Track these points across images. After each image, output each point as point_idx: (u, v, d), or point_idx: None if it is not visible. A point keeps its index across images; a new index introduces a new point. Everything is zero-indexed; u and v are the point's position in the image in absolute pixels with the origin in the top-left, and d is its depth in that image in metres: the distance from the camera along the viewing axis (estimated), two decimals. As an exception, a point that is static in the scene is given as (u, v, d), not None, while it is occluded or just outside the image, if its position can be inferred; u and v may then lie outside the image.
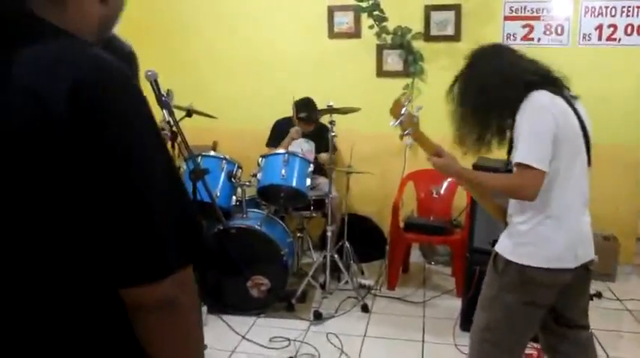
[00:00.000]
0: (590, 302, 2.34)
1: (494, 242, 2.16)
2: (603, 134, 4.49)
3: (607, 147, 4.16)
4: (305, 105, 4.54)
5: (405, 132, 2.18)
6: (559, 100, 1.99)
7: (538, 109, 1.95)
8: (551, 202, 1.97)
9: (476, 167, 3.58)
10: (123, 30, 4.22)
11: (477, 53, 2.21)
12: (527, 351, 3.24)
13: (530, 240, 2.00)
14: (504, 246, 2.07)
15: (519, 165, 1.91)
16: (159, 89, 2.51)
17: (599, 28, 4.54)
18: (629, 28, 4.50)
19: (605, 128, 4.43)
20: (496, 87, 2.05)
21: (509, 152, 2.07)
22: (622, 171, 4.62)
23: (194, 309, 1.00)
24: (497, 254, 2.09)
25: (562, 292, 2.04)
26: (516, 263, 2.00)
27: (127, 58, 1.50)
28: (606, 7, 4.51)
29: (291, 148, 4.43)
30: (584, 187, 2.07)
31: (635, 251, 4.81)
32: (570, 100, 2.04)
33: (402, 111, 2.16)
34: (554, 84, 2.05)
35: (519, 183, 1.94)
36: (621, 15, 4.51)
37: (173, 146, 2.94)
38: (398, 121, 2.18)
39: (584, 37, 4.56)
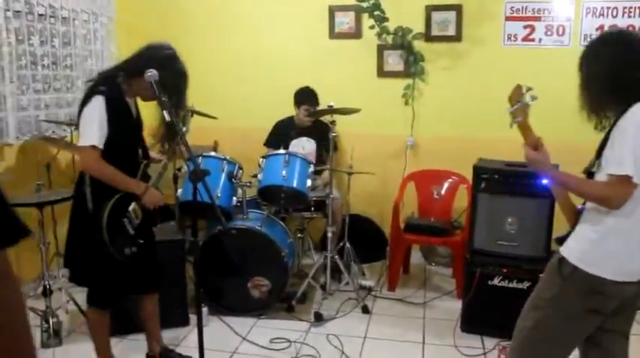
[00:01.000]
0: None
1: (560, 240, 2.13)
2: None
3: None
4: (306, 94, 4.57)
5: (516, 120, 2.12)
6: None
7: None
8: (630, 214, 1.94)
9: (476, 168, 3.58)
10: (123, 30, 4.31)
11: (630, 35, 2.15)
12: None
13: (603, 251, 1.97)
14: (574, 252, 2.03)
15: (616, 175, 1.88)
16: (159, 90, 2.50)
17: (601, 28, 4.53)
18: (631, 29, 4.49)
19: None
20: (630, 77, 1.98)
21: (599, 153, 2.03)
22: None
23: (12, 295, 1.12)
24: (563, 258, 2.05)
25: (622, 303, 2.03)
26: (587, 272, 1.97)
27: None
28: (608, 8, 4.50)
29: (292, 148, 4.44)
30: None
31: None
32: None
33: (520, 99, 2.11)
34: None
35: (611, 193, 1.91)
36: (622, 16, 4.50)
37: (163, 148, 2.93)
38: (515, 107, 2.12)
39: (585, 38, 4.54)
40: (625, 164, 1.86)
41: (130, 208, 2.74)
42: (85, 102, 2.64)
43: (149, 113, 2.85)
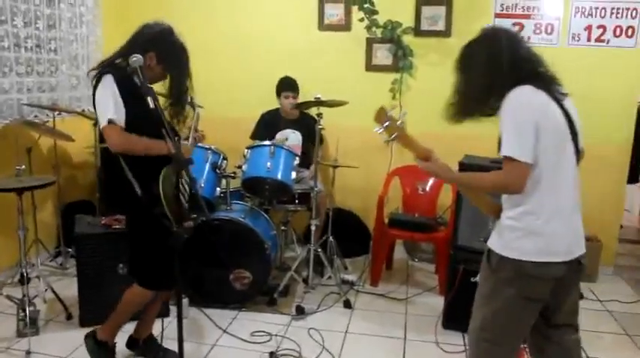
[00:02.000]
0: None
1: (487, 238, 2.16)
2: (588, 134, 4.51)
3: (592, 147, 4.14)
4: (285, 82, 4.57)
5: (391, 137, 2.18)
6: (541, 95, 1.99)
7: (519, 104, 1.96)
8: (541, 198, 1.98)
9: (462, 164, 3.57)
10: (109, 15, 4.22)
11: (490, 31, 2.22)
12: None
13: (521, 235, 2.01)
14: (497, 242, 2.08)
15: (504, 159, 1.94)
16: (143, 76, 2.44)
17: (589, 28, 4.55)
18: (618, 30, 4.51)
19: (591, 128, 4.38)
20: (499, 68, 2.05)
21: (499, 148, 2.06)
22: (606, 172, 4.64)
23: None
24: (490, 250, 2.10)
25: (554, 288, 2.04)
26: (510, 258, 2.01)
27: None
28: (596, 8, 4.51)
29: (277, 138, 4.41)
30: (574, 184, 2.07)
31: (617, 252, 4.84)
32: (557, 97, 2.04)
33: (387, 118, 2.16)
34: (541, 79, 2.05)
35: (505, 177, 1.96)
36: (610, 16, 4.51)
37: (158, 135, 2.87)
38: (382, 128, 2.18)
39: (573, 37, 4.56)
40: (508, 147, 1.93)
41: (181, 180, 2.56)
42: (95, 86, 2.59)
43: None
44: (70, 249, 4.37)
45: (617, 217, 4.84)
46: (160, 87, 2.77)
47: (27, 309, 3.30)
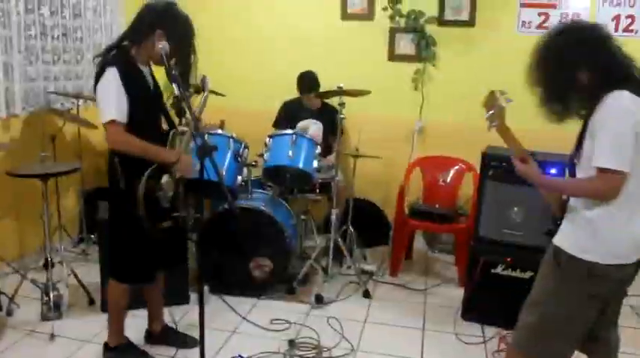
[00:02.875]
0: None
1: (550, 233, 2.14)
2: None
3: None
4: (306, 83, 4.55)
5: (492, 124, 2.14)
6: (638, 101, 1.93)
7: (621, 111, 1.90)
8: (622, 202, 1.95)
9: (485, 155, 3.55)
10: (130, 6, 4.23)
11: (579, 25, 2.16)
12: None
13: (594, 236, 1.98)
14: (567, 241, 2.05)
15: (602, 168, 1.89)
16: (169, 63, 2.45)
17: (617, 18, 4.45)
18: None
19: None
20: (593, 67, 2.00)
21: (578, 146, 2.06)
22: None
23: None
24: (558, 248, 2.07)
25: (621, 285, 2.06)
26: (583, 259, 1.98)
27: None
28: (625, -2, 4.43)
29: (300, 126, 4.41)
30: None
31: None
32: None
33: (495, 104, 2.13)
34: (635, 83, 1.99)
35: (602, 187, 1.92)
36: (640, 6, 4.42)
37: (181, 121, 2.90)
38: (490, 113, 2.16)
39: (600, 28, 4.47)
40: (609, 156, 1.88)
41: (163, 181, 2.65)
42: (98, 77, 2.58)
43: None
44: (92, 236, 4.43)
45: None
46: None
47: (51, 294, 3.37)
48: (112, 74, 2.53)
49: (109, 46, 2.70)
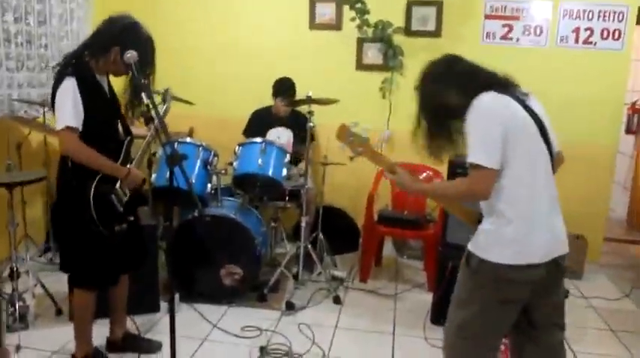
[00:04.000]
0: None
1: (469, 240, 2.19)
2: (576, 134, 4.61)
3: (579, 148, 4.25)
4: (283, 86, 4.57)
5: (357, 153, 2.25)
6: (505, 99, 2.02)
7: (483, 110, 1.99)
8: (516, 202, 2.00)
9: (452, 162, 3.62)
10: (100, 10, 4.20)
11: (427, 69, 2.28)
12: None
13: (498, 239, 2.02)
14: (477, 245, 2.10)
15: (470, 166, 1.97)
16: (138, 72, 2.46)
17: (577, 30, 4.61)
18: (605, 32, 4.58)
19: (579, 129, 4.53)
20: (442, 98, 2.14)
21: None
22: (593, 172, 4.72)
23: None
24: (470, 252, 2.12)
25: (534, 289, 2.07)
26: (489, 261, 2.02)
27: None
28: (584, 11, 4.59)
29: (269, 137, 4.43)
30: (549, 185, 2.08)
31: (602, 250, 4.92)
32: (521, 98, 2.06)
33: (349, 134, 2.27)
34: (500, 84, 2.08)
35: (470, 184, 1.99)
36: (598, 19, 4.59)
37: (149, 129, 2.91)
38: (346, 143, 2.28)
39: (561, 39, 4.63)
40: (474, 153, 1.95)
41: (117, 185, 2.70)
42: (56, 85, 2.59)
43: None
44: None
45: (603, 216, 4.92)
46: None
47: (16, 304, 3.31)
48: (70, 83, 2.55)
49: (69, 56, 2.70)
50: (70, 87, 2.55)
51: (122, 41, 2.58)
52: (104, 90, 2.75)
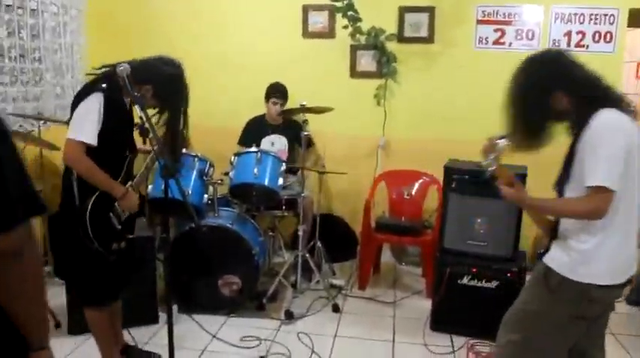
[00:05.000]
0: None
1: (541, 254, 2.14)
2: (569, 137, 4.62)
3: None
4: (274, 87, 4.60)
5: (490, 169, 2.12)
6: (626, 118, 1.96)
7: (611, 130, 1.91)
8: (616, 221, 1.97)
9: (447, 168, 3.63)
10: (93, 24, 4.21)
11: (544, 56, 2.17)
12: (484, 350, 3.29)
13: (594, 259, 1.98)
14: (562, 263, 2.03)
15: (594, 187, 1.88)
16: (130, 84, 2.47)
17: (568, 34, 4.64)
18: (597, 35, 4.61)
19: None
20: (558, 96, 2.03)
21: (565, 169, 2.05)
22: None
23: (37, 260, 1.33)
24: (549, 268, 2.06)
25: (607, 307, 2.08)
26: (574, 280, 1.98)
27: None
28: (575, 15, 4.61)
29: (263, 145, 4.44)
30: (637, 202, 2.05)
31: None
32: (632, 116, 2.01)
33: (493, 150, 2.11)
34: (617, 101, 2.02)
35: (592, 207, 1.90)
36: (589, 22, 4.61)
37: (145, 142, 2.91)
38: (489, 159, 2.11)
39: (554, 43, 4.65)
40: (599, 175, 1.88)
41: (117, 203, 2.71)
42: (83, 96, 2.60)
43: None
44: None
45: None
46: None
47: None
48: (97, 99, 2.57)
49: (105, 73, 2.68)
50: (96, 102, 2.56)
51: (158, 84, 2.67)
52: (126, 110, 2.76)
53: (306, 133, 3.97)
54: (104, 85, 2.60)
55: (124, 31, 5.00)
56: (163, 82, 2.71)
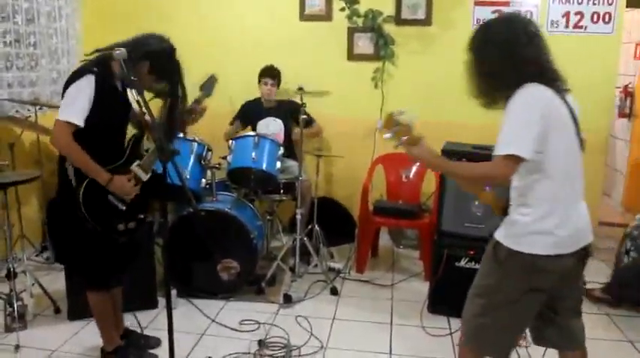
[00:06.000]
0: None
1: (492, 232, 2.17)
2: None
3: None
4: (267, 68, 4.60)
5: (402, 140, 2.12)
6: (548, 92, 1.99)
7: (526, 100, 1.95)
8: (552, 191, 2.01)
9: (444, 151, 3.62)
10: (88, 8, 4.19)
11: (511, 16, 2.20)
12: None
13: (533, 229, 2.02)
14: (507, 236, 2.08)
15: (498, 155, 1.92)
16: (127, 69, 2.45)
17: (567, 15, 4.61)
18: (595, 16, 4.58)
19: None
20: (512, 61, 2.03)
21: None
22: (586, 156, 4.68)
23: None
24: (497, 242, 2.10)
25: (563, 277, 2.08)
26: (522, 252, 2.02)
27: None
28: (574, -5, 4.58)
29: (259, 129, 4.44)
30: (580, 173, 2.13)
31: (597, 234, 4.92)
32: (561, 92, 2.05)
33: (395, 123, 2.12)
34: (547, 75, 2.05)
35: (491, 171, 1.95)
36: (588, 3, 4.58)
37: (142, 126, 2.92)
38: (391, 133, 2.12)
39: (552, 24, 4.62)
40: (506, 140, 1.91)
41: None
42: (74, 78, 2.59)
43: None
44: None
45: (596, 201, 4.93)
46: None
47: (15, 304, 3.30)
48: (88, 81, 2.55)
49: (97, 59, 2.65)
50: (86, 84, 2.54)
51: (154, 60, 2.62)
52: (119, 94, 2.73)
53: (304, 116, 3.97)
54: (95, 68, 2.59)
55: (119, 15, 4.97)
56: (159, 56, 2.67)
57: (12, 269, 3.34)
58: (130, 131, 2.93)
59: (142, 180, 2.76)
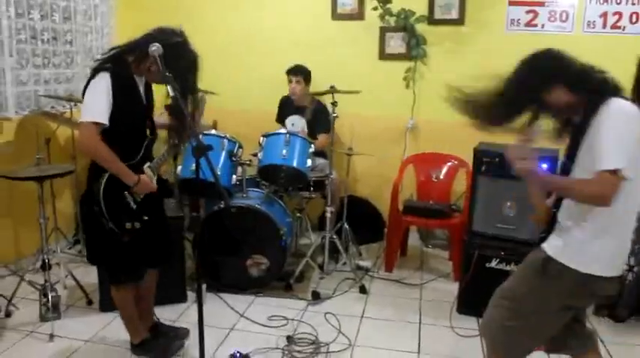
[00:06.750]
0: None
1: (541, 240, 2.13)
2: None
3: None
4: (294, 67, 4.62)
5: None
6: (635, 108, 1.93)
7: (625, 116, 1.89)
8: (621, 216, 1.96)
9: (477, 151, 3.59)
10: (123, 6, 4.24)
11: (547, 52, 2.17)
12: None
13: (596, 249, 1.96)
14: (562, 251, 2.02)
15: (605, 171, 1.83)
16: (163, 65, 2.47)
17: (604, 15, 4.52)
18: (634, 16, 4.48)
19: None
20: (557, 91, 2.03)
21: (571, 151, 2.04)
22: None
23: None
24: (550, 257, 2.04)
25: (600, 298, 2.09)
26: (576, 270, 1.97)
27: None
28: (611, -5, 4.49)
29: (286, 125, 4.48)
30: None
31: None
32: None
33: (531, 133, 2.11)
34: (621, 91, 2.01)
35: (602, 191, 1.84)
36: (626, 3, 4.48)
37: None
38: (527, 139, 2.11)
39: (588, 25, 4.53)
40: (613, 158, 1.83)
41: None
42: (89, 79, 2.60)
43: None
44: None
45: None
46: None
47: (49, 295, 3.38)
48: (104, 79, 2.54)
49: (108, 56, 2.68)
50: (102, 82, 2.54)
51: (165, 53, 2.54)
52: (138, 90, 2.73)
53: (334, 115, 3.97)
54: (109, 65, 2.58)
55: (153, 14, 5.03)
56: (171, 50, 2.57)
57: (47, 261, 3.41)
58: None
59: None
